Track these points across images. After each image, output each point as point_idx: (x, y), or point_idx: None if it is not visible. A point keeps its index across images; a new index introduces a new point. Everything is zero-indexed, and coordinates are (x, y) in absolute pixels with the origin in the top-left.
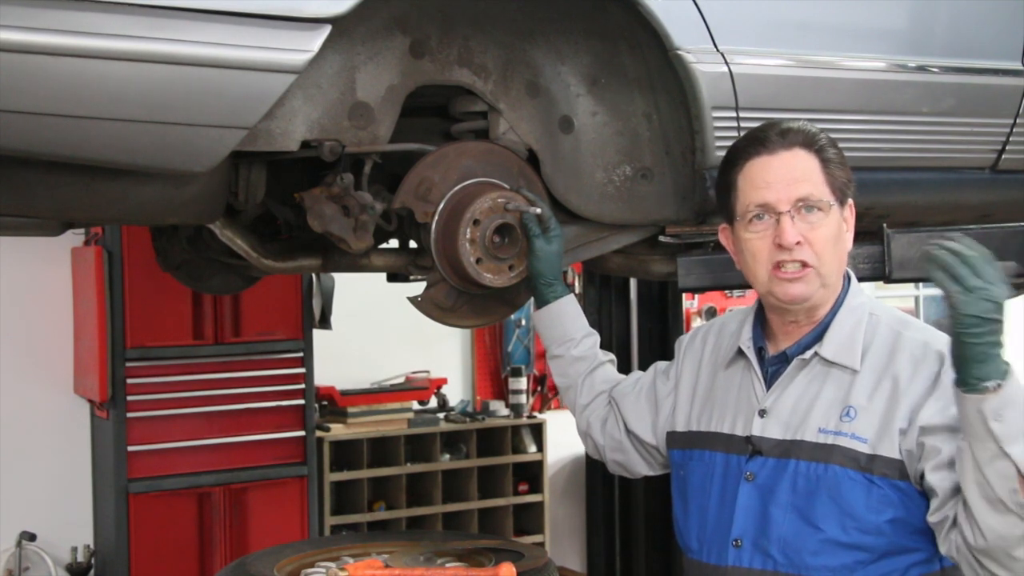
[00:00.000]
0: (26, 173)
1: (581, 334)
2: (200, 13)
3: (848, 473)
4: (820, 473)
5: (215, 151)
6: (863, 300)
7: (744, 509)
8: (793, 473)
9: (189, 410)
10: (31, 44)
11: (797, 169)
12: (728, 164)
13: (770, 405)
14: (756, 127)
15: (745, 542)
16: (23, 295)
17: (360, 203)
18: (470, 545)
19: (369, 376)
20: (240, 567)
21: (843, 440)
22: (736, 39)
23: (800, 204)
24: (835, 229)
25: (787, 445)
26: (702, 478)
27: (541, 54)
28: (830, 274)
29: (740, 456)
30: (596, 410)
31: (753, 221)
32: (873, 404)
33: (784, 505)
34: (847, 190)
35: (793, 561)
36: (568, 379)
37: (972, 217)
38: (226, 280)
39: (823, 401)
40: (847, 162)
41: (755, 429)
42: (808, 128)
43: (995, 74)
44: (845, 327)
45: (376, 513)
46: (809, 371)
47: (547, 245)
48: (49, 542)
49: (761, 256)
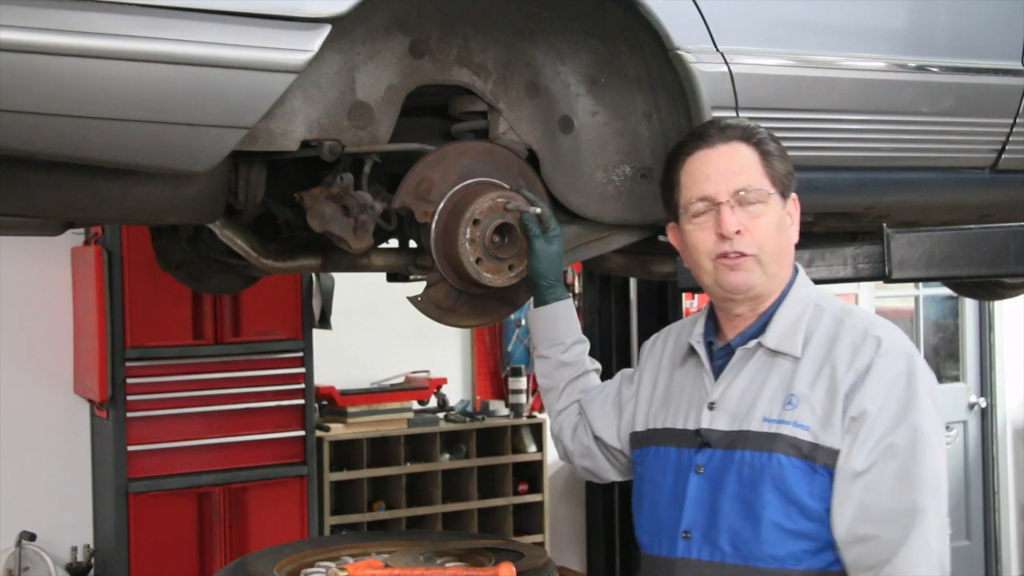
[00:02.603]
0: (26, 173)
1: (571, 340)
2: (200, 13)
3: (792, 461)
4: (764, 462)
5: (215, 151)
6: (809, 292)
7: (694, 501)
8: (739, 463)
9: (189, 410)
10: (31, 44)
11: (736, 161)
12: (670, 162)
13: (718, 397)
14: (697, 125)
15: (695, 534)
16: (23, 295)
17: (360, 203)
18: (470, 545)
19: (369, 376)
20: (240, 567)
21: (786, 428)
22: (736, 39)
23: (740, 194)
24: (776, 219)
25: (734, 436)
26: (655, 473)
27: (541, 54)
28: (772, 263)
29: (690, 449)
30: (569, 416)
31: (696, 214)
32: (815, 392)
33: (731, 496)
34: (788, 182)
35: (741, 551)
36: (551, 381)
37: (972, 217)
38: (226, 280)
39: (768, 391)
40: (789, 156)
41: (704, 421)
42: (747, 123)
43: (995, 74)
44: (789, 317)
45: (376, 513)
46: (755, 362)
47: (548, 246)
48: (49, 542)
49: (704, 247)
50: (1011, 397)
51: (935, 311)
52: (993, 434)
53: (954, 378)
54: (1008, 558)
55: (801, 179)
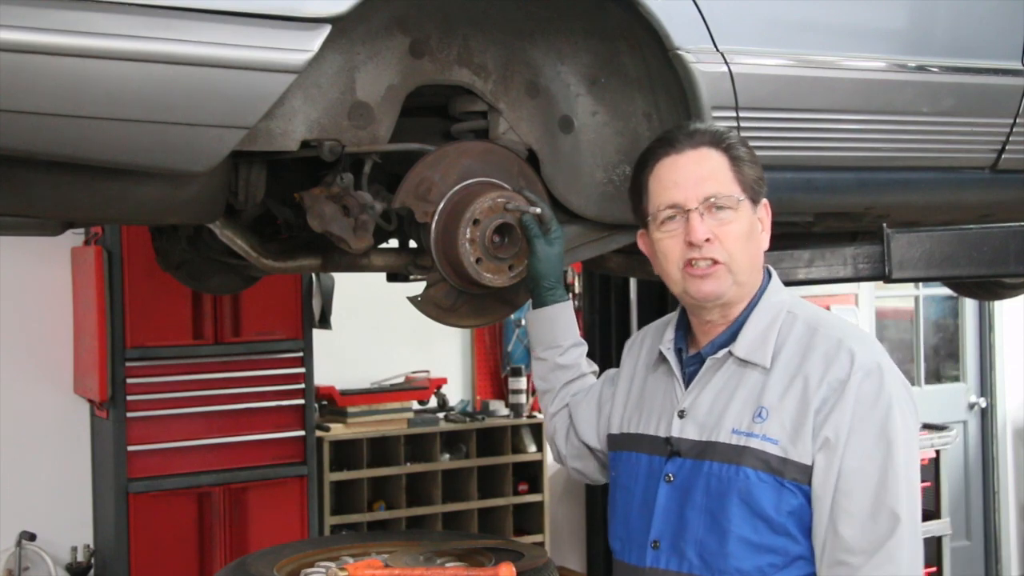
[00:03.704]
0: (27, 173)
1: (569, 343)
2: (200, 13)
3: (759, 475)
4: (732, 475)
5: (215, 151)
6: (782, 298)
7: (663, 510)
8: (707, 474)
9: (189, 410)
10: (31, 44)
11: (705, 167)
12: (638, 167)
13: (688, 406)
14: (665, 129)
15: (663, 543)
16: (23, 295)
17: (360, 203)
18: (470, 545)
19: (369, 376)
20: (240, 567)
21: (754, 442)
22: (736, 39)
23: (709, 201)
24: (746, 226)
25: (703, 446)
26: (627, 479)
27: (541, 54)
28: (742, 271)
29: (661, 457)
30: (562, 418)
31: (665, 222)
32: (785, 404)
33: (699, 507)
34: (759, 188)
35: (708, 563)
36: (547, 383)
37: (972, 217)
38: (226, 280)
39: (737, 401)
40: (759, 160)
41: (674, 430)
42: (715, 128)
43: (995, 74)
44: (759, 325)
45: (376, 513)
46: (725, 371)
47: (549, 247)
48: (49, 542)
49: (673, 255)
50: (1011, 397)
51: (935, 311)
52: (993, 434)
53: (954, 378)
54: (1008, 558)
55: (801, 179)
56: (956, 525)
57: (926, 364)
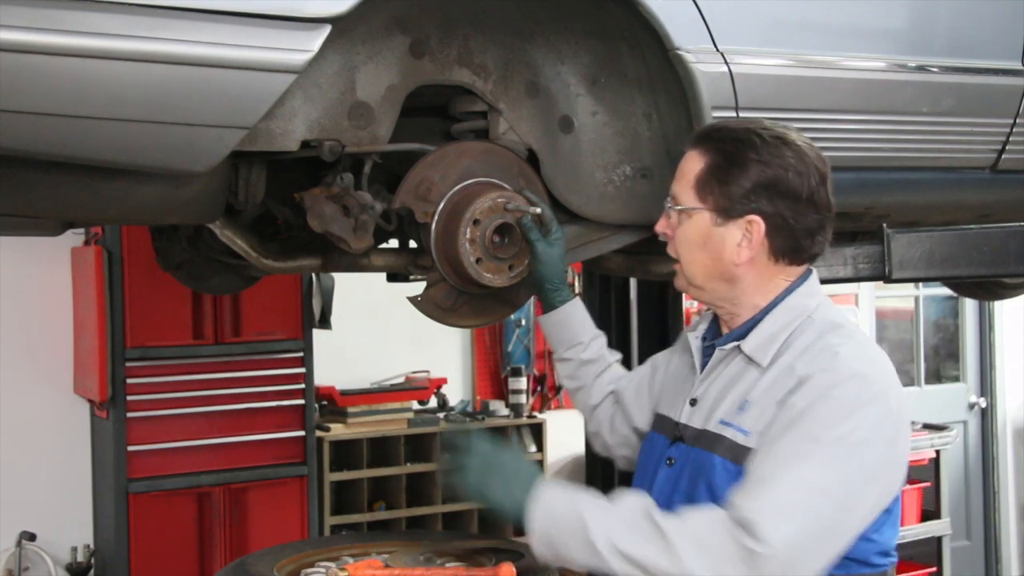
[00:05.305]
0: (27, 173)
1: (589, 337)
2: (200, 13)
3: (724, 464)
4: (704, 462)
5: (215, 151)
6: (807, 302)
7: (658, 493)
8: (691, 461)
9: (189, 410)
10: (31, 44)
11: (684, 167)
12: None
13: (700, 395)
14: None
15: None
16: (23, 295)
17: (360, 203)
18: (470, 545)
19: (369, 376)
20: (240, 567)
21: (728, 431)
22: (736, 39)
23: (670, 200)
24: (695, 235)
25: (699, 434)
26: (645, 458)
27: (541, 54)
28: (695, 277)
29: (669, 440)
30: (606, 409)
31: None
32: (766, 398)
33: (682, 493)
34: (745, 203)
35: None
36: (578, 381)
37: (972, 217)
38: (226, 280)
39: (733, 394)
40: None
41: (683, 416)
42: (718, 133)
43: (995, 74)
44: (773, 326)
45: (376, 513)
46: (733, 365)
47: (550, 249)
48: (49, 542)
49: None
50: (1011, 397)
51: (935, 311)
52: (993, 434)
53: (954, 378)
54: (1008, 558)
55: None
56: (956, 525)
57: (926, 364)
